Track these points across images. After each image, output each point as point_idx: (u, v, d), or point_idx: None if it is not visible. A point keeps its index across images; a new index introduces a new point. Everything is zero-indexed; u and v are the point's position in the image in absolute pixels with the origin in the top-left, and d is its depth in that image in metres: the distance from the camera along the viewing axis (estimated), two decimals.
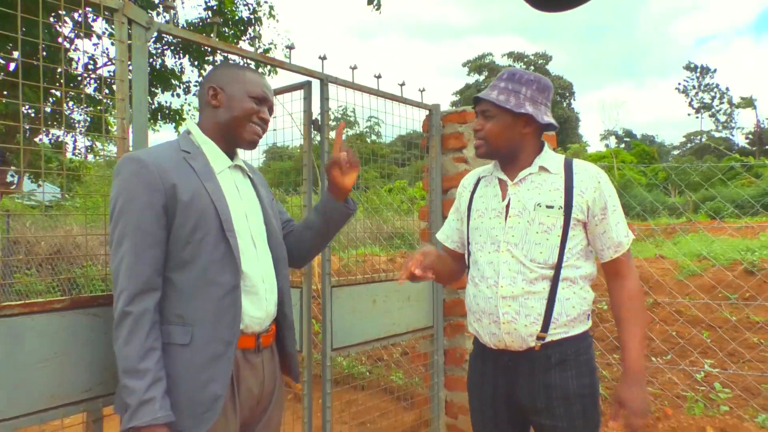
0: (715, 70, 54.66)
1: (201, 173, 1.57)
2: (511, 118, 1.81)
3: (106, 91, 1.78)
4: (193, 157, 1.60)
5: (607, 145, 53.50)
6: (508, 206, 1.84)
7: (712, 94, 51.03)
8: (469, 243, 1.97)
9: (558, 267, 1.77)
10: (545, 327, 1.76)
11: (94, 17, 7.39)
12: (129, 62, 1.89)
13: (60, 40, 6.44)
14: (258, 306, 1.63)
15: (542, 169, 1.84)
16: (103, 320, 1.78)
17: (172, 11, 2.09)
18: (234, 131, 1.67)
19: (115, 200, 1.48)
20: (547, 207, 1.77)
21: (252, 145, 1.70)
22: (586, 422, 1.79)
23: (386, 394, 4.28)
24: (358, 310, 2.82)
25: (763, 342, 4.82)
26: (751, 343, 4.81)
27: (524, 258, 1.77)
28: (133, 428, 1.39)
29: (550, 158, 1.86)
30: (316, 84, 2.64)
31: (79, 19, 6.48)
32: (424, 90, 3.24)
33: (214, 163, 1.64)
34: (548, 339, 1.77)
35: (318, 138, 2.69)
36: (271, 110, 1.75)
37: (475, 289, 1.88)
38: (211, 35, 2.24)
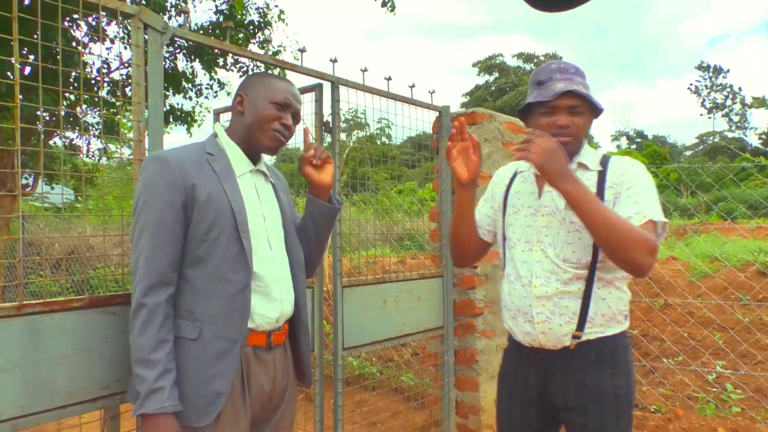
0: (728, 70, 54.25)
1: (221, 175, 1.63)
2: (593, 115, 1.79)
3: (119, 94, 1.84)
4: (216, 159, 1.66)
5: (618, 146, 53.22)
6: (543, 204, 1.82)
7: (725, 94, 50.61)
8: (504, 238, 1.94)
9: (592, 266, 1.73)
10: (581, 326, 1.74)
11: (108, 21, 7.48)
12: (145, 66, 1.93)
13: (74, 44, 6.52)
14: (271, 307, 1.66)
15: (581, 165, 1.80)
16: (121, 318, 1.81)
17: (184, 15, 2.13)
18: (255, 136, 1.71)
19: (138, 196, 1.56)
20: None
21: (272, 150, 1.74)
22: (618, 423, 1.76)
23: (397, 395, 4.30)
24: (368, 310, 2.85)
25: None
26: (764, 344, 4.78)
27: (557, 258, 1.75)
28: (142, 415, 1.45)
29: (589, 155, 1.82)
30: (327, 86, 2.67)
31: (94, 23, 6.57)
32: (434, 92, 3.26)
33: (236, 166, 1.69)
34: (584, 338, 1.75)
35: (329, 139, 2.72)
36: (296, 117, 1.77)
37: (510, 286, 1.87)
38: (225, 39, 2.27)
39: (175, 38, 2.02)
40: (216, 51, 8.67)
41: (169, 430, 1.46)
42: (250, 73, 1.98)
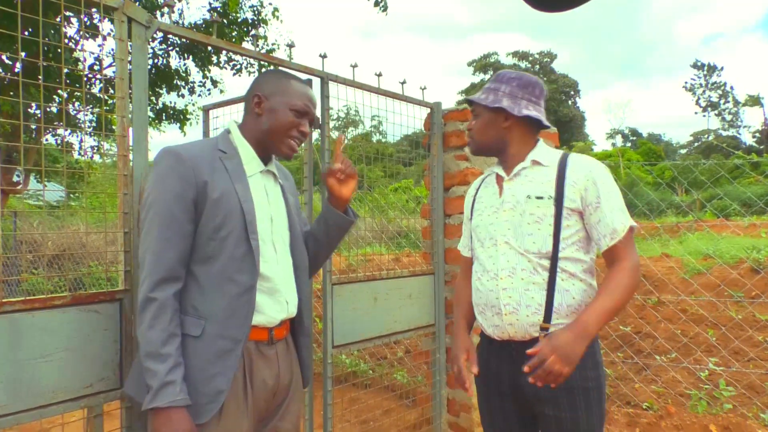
0: (722, 68, 54.34)
1: (233, 174, 1.62)
2: (490, 114, 1.90)
3: (112, 91, 1.80)
4: (229, 157, 1.65)
5: (613, 144, 53.33)
6: (504, 201, 1.89)
7: (720, 92, 50.77)
8: (472, 243, 2.03)
9: (554, 257, 1.78)
10: (547, 317, 1.77)
11: (100, 18, 7.44)
12: (129, 61, 1.91)
13: (65, 41, 6.48)
14: (277, 308, 1.67)
15: (535, 162, 1.88)
16: (104, 316, 1.80)
17: (168, 9, 2.10)
18: (271, 142, 1.70)
19: (150, 190, 1.56)
20: (537, 198, 1.81)
21: (287, 157, 1.74)
22: (590, 414, 1.79)
23: (388, 392, 4.28)
24: (359, 307, 2.83)
25: None
26: (756, 341, 4.80)
27: (519, 248, 1.81)
28: (153, 409, 1.45)
29: (544, 152, 1.91)
30: (316, 82, 2.65)
31: (85, 19, 6.52)
32: (425, 88, 3.24)
33: (247, 166, 1.68)
34: (551, 329, 1.77)
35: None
36: (312, 123, 1.77)
37: (477, 283, 1.93)
38: (214, 35, 2.25)
39: (168, 36, 2.00)
40: (209, 48, 8.64)
41: (181, 423, 1.45)
42: (267, 70, 1.95)
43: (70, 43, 6.96)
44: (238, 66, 9.31)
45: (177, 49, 8.64)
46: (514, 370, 1.85)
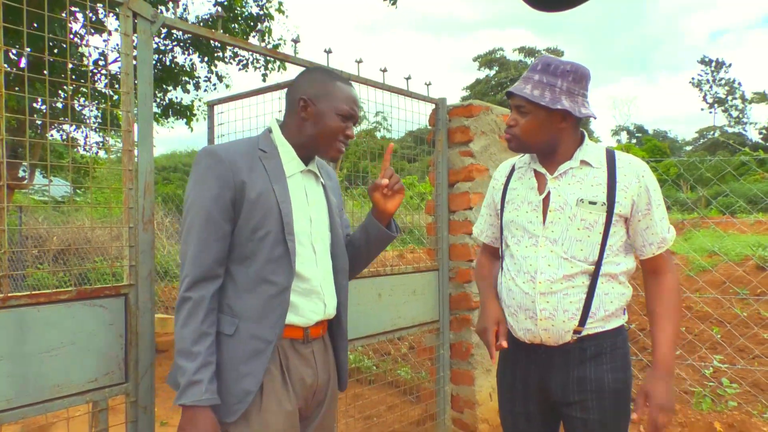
0: (730, 65, 54.06)
1: (272, 174, 1.61)
2: (546, 114, 1.73)
3: (117, 86, 1.80)
4: (268, 157, 1.64)
5: (618, 141, 53.15)
6: (546, 200, 1.79)
7: (726, 89, 50.50)
8: (502, 234, 1.93)
9: (598, 263, 1.73)
10: (583, 321, 1.73)
11: (105, 13, 7.44)
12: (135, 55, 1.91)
13: (71, 36, 6.49)
14: (314, 309, 1.66)
15: (584, 162, 1.78)
16: (109, 311, 1.80)
17: (173, 4, 2.10)
18: (318, 147, 1.69)
19: (190, 190, 1.58)
20: (590, 203, 1.72)
21: (335, 160, 1.74)
22: (617, 416, 1.77)
23: (392, 388, 4.29)
24: (363, 303, 2.83)
25: None
26: (761, 339, 4.78)
27: (564, 254, 1.73)
28: (180, 406, 1.47)
29: (592, 151, 1.80)
30: None
31: (91, 15, 6.53)
32: (430, 84, 3.23)
33: (287, 166, 1.67)
34: (584, 333, 1.74)
35: None
36: (356, 124, 1.75)
37: (511, 282, 1.83)
38: (219, 29, 2.25)
39: (172, 30, 2.00)
40: (215, 44, 8.63)
41: (205, 422, 1.46)
42: (309, 68, 1.91)
43: (76, 39, 6.96)
44: (244, 61, 9.29)
45: (182, 44, 8.63)
46: (542, 372, 1.81)
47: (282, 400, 1.58)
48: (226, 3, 8.69)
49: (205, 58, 8.90)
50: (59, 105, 6.94)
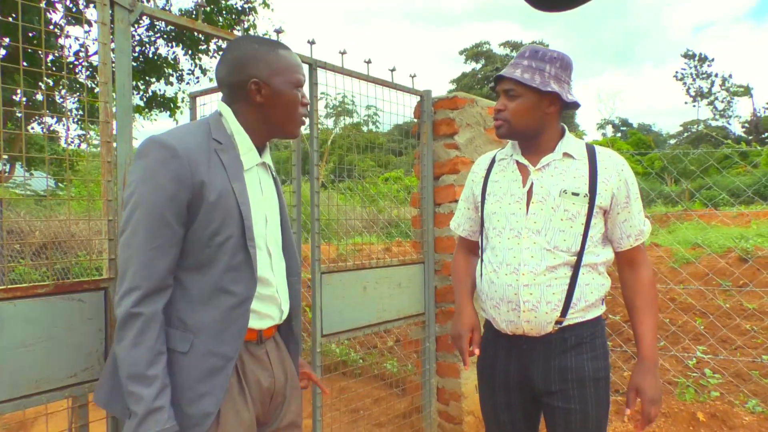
0: (713, 59, 54.54)
1: (230, 170, 1.45)
2: (537, 98, 1.75)
3: (98, 78, 1.75)
4: (225, 149, 1.47)
5: (603, 134, 53.47)
6: (529, 192, 1.80)
7: (709, 82, 50.94)
8: (483, 227, 1.93)
9: (580, 254, 1.76)
10: (564, 312, 1.75)
11: (85, 3, 7.32)
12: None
13: (50, 27, 6.37)
14: (271, 314, 1.56)
15: (566, 155, 1.80)
16: (89, 305, 1.76)
17: None
18: (282, 128, 1.56)
19: (136, 185, 1.37)
20: (573, 194, 1.75)
21: (297, 135, 1.61)
22: (598, 405, 1.80)
23: (378, 381, 4.29)
24: (348, 296, 2.81)
25: (755, 328, 4.84)
26: (744, 330, 4.83)
27: (547, 245, 1.75)
28: None
29: (573, 144, 1.83)
30: (305, 69, 2.61)
31: (69, 5, 6.42)
32: (415, 75, 3.21)
33: (244, 158, 1.51)
34: (565, 323, 1.77)
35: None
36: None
37: (493, 275, 1.83)
38: (199, 20, 2.21)
39: (155, 23, 1.96)
40: (199, 36, 8.53)
41: None
42: (237, 38, 1.76)
43: (55, 29, 6.85)
44: None
45: (165, 36, 8.54)
46: (524, 363, 1.83)
47: (240, 410, 1.47)
48: None
49: (189, 51, 8.82)
50: (39, 97, 6.84)
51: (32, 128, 8.23)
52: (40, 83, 6.45)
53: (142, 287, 1.33)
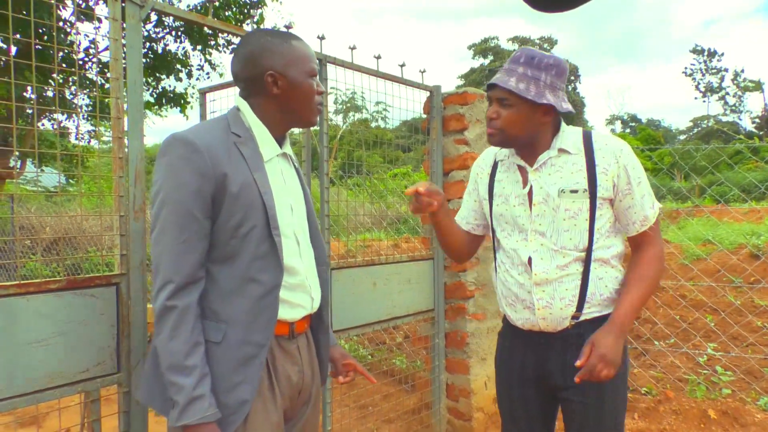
0: (722, 54, 54.06)
1: (251, 162, 1.47)
2: (531, 108, 1.72)
3: (109, 75, 1.75)
4: (244, 141, 1.49)
5: (612, 130, 53.16)
6: (530, 193, 1.79)
7: (719, 77, 50.48)
8: (493, 228, 1.94)
9: (589, 249, 1.75)
10: (580, 307, 1.75)
11: (96, 0, 7.35)
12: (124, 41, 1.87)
13: (61, 23, 6.40)
14: (302, 303, 1.57)
15: (562, 150, 1.78)
16: (101, 301, 1.77)
17: None
18: (301, 117, 1.58)
19: (161, 183, 1.40)
20: (572, 192, 1.73)
21: (313, 124, 1.63)
22: (615, 399, 1.79)
23: (388, 378, 4.29)
24: (358, 292, 2.81)
25: (767, 325, 4.80)
26: (755, 327, 4.80)
27: (554, 246, 1.75)
28: (183, 426, 1.35)
29: (569, 137, 1.80)
30: None
31: (80, 1, 6.45)
32: (424, 71, 3.20)
33: (263, 150, 1.53)
34: (582, 318, 1.76)
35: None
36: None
37: (506, 275, 1.86)
38: (209, 15, 2.21)
39: (164, 19, 1.96)
40: (208, 31, 8.55)
41: None
42: (250, 33, 1.61)
43: (66, 26, 6.88)
44: None
45: (174, 32, 8.55)
46: (541, 358, 1.84)
47: (269, 411, 1.48)
48: None
49: (198, 46, 8.83)
50: (50, 93, 6.87)
51: (42, 125, 8.28)
52: (50, 80, 6.48)
53: (175, 281, 1.37)
